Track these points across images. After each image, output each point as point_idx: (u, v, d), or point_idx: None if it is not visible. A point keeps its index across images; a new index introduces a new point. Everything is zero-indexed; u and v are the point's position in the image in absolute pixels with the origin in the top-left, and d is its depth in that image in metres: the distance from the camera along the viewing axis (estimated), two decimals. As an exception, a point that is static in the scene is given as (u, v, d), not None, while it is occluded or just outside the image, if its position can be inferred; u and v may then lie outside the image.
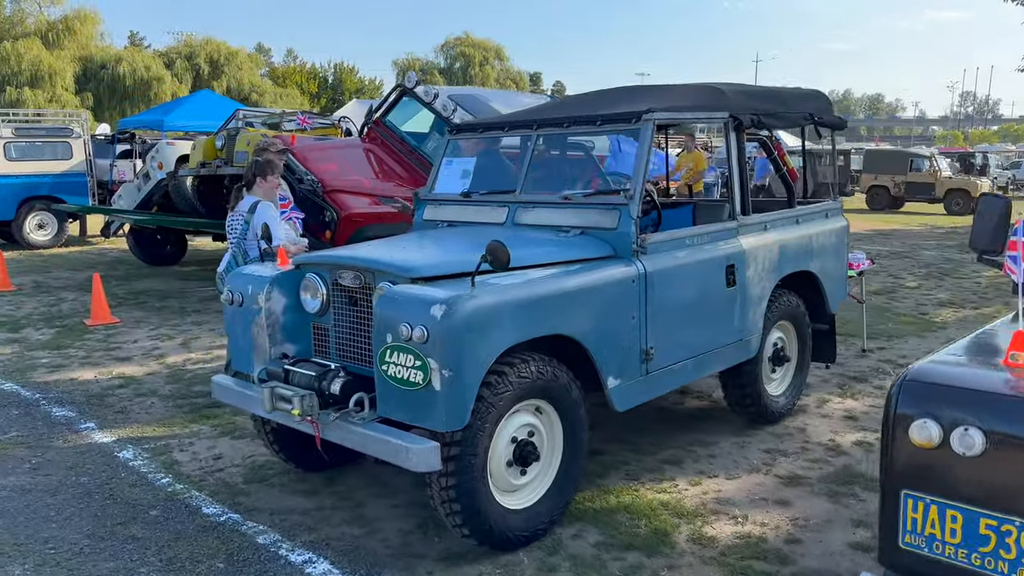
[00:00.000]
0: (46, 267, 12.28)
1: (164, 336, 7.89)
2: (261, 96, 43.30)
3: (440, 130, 9.57)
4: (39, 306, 9.35)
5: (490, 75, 64.79)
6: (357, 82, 58.79)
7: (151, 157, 11.70)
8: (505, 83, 66.54)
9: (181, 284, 10.85)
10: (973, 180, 25.86)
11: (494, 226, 4.55)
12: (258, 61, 52.50)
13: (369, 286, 3.75)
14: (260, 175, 5.69)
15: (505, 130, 4.86)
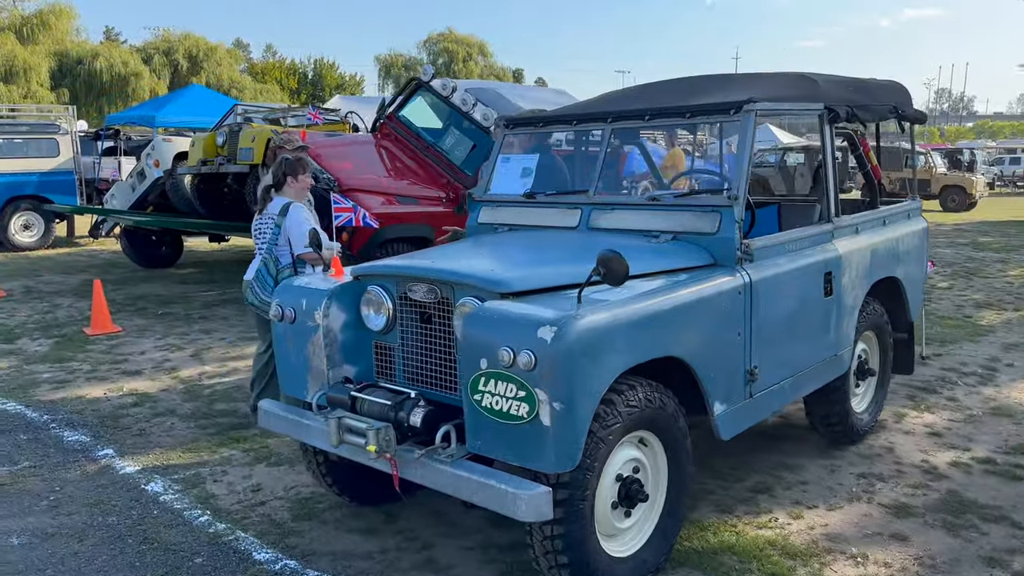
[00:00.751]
0: (35, 270, 11.67)
1: (172, 346, 7.36)
2: (241, 92, 42.72)
3: (458, 125, 9.12)
4: (33, 314, 8.78)
5: (473, 71, 64.31)
6: (337, 78, 58.23)
7: (146, 155, 11.12)
8: (489, 79, 66.10)
9: (182, 288, 10.30)
10: (968, 177, 25.75)
11: (566, 231, 4.10)
12: (237, 57, 51.84)
13: (447, 301, 3.29)
14: (291, 174, 5.21)
15: (574, 124, 4.39)
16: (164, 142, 11.02)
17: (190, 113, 14.91)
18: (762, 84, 4.22)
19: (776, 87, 4.17)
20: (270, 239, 5.08)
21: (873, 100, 4.70)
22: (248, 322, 8.24)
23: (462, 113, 8.98)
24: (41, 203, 13.82)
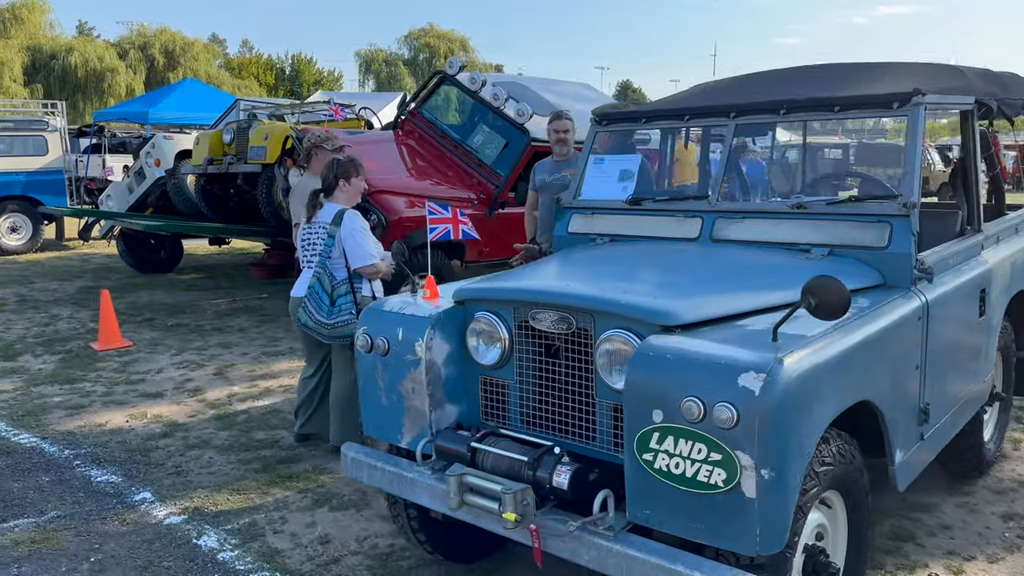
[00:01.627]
0: (26, 277, 10.97)
1: (191, 363, 6.75)
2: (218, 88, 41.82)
3: (488, 121, 8.55)
4: (31, 326, 8.12)
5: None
6: (316, 73, 57.43)
7: (146, 153, 10.46)
8: (472, 75, 65.46)
9: (188, 296, 9.66)
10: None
11: (683, 243, 3.56)
12: (215, 52, 51.04)
13: (584, 333, 2.74)
14: (343, 177, 4.64)
15: (686, 119, 3.85)
16: (165, 140, 10.36)
17: (185, 108, 14.22)
18: (908, 73, 3.70)
19: (923, 77, 3.65)
20: (323, 251, 4.50)
21: (1009, 93, 4.20)
22: (268, 335, 7.65)
23: (493, 109, 8.42)
24: (29, 204, 13.09)
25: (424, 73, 62.62)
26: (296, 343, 7.27)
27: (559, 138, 5.90)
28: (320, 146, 5.36)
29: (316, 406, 4.88)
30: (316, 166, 5.36)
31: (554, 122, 5.94)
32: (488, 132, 8.52)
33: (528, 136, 8.14)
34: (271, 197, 8.99)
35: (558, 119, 5.96)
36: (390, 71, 62.19)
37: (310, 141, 5.41)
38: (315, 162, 5.38)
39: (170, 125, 14.40)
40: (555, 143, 5.94)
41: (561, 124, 5.92)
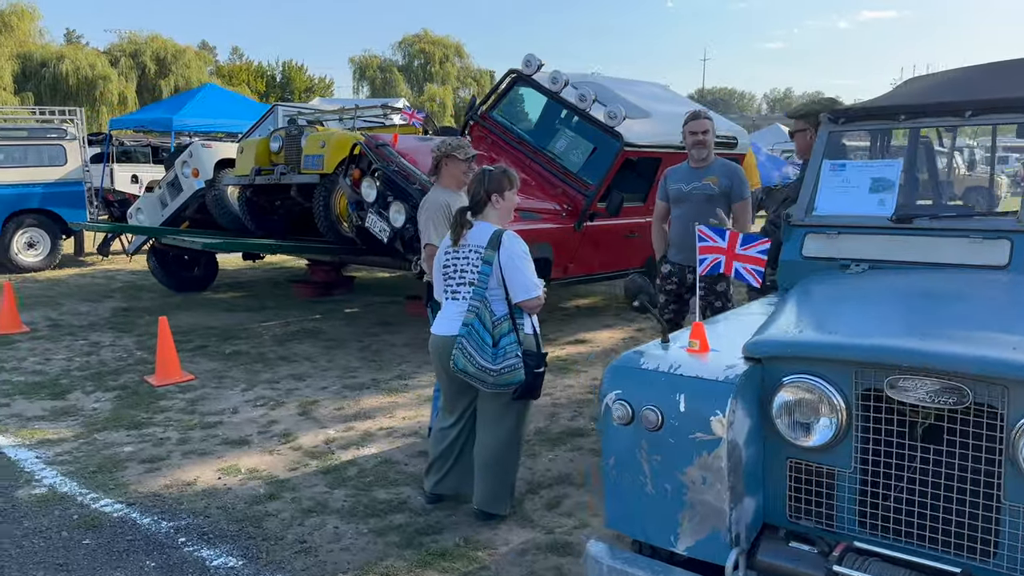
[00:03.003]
0: (52, 298, 10.13)
1: (268, 401, 5.96)
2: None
3: (571, 125, 7.78)
4: (72, 356, 7.30)
5: (451, 73, 63.13)
6: (307, 80, 56.84)
7: (182, 163, 9.65)
8: (466, 81, 64.89)
9: (235, 318, 8.85)
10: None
11: (987, 271, 2.81)
12: (207, 59, 50.50)
13: (985, 409, 1.98)
14: (496, 191, 3.88)
15: (968, 115, 3.09)
16: (204, 148, 9.56)
17: (209, 115, 13.40)
18: None
19: None
20: (480, 280, 3.73)
21: None
22: (341, 363, 6.87)
23: (578, 111, 7.67)
24: (47, 218, 12.25)
25: (419, 79, 61.99)
26: (379, 374, 6.50)
27: (698, 140, 5.17)
28: (451, 155, 4.62)
29: (455, 461, 4.11)
30: (447, 178, 4.64)
31: (691, 123, 5.19)
32: (572, 137, 7.77)
33: (621, 141, 7.40)
34: (328, 210, 8.21)
35: (695, 119, 5.22)
36: (385, 77, 61.59)
37: (440, 150, 4.66)
38: (445, 173, 4.66)
39: (193, 132, 13.59)
40: (692, 146, 5.20)
41: (699, 124, 5.19)
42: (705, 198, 5.17)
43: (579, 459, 4.79)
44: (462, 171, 4.67)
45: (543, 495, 4.30)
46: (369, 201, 7.09)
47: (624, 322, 8.64)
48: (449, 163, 4.65)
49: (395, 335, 8.04)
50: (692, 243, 5.25)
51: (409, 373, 6.67)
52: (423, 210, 4.63)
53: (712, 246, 2.96)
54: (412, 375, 6.62)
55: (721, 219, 5.18)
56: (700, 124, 5.15)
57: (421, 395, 6.07)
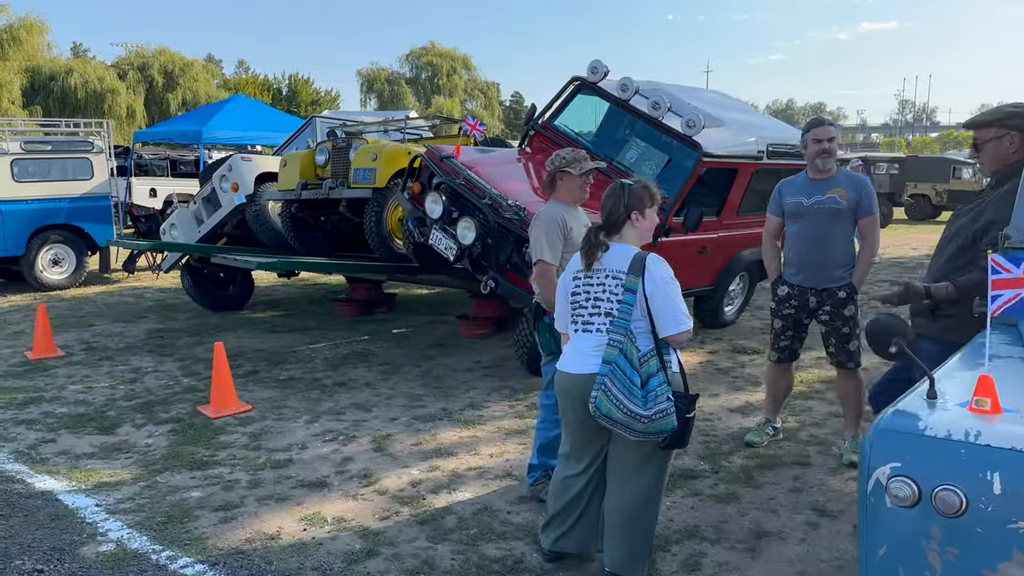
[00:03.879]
0: (82, 318, 9.67)
1: (337, 435, 5.48)
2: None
3: (643, 135, 7.33)
4: (115, 383, 6.83)
5: (458, 85, 63.10)
6: (313, 93, 56.90)
7: (221, 177, 9.20)
8: (473, 93, 64.76)
9: (280, 340, 8.37)
10: None
11: None
12: (214, 72, 50.55)
13: None
14: (636, 208, 3.42)
15: None
16: (243, 161, 9.11)
17: (238, 127, 12.96)
18: None
19: None
20: (619, 311, 3.25)
21: None
22: (404, 391, 6.40)
23: (651, 120, 7.20)
24: (72, 234, 11.81)
25: (427, 92, 61.85)
26: (448, 403, 6.03)
27: (823, 149, 4.71)
28: (566, 169, 4.17)
29: (580, 516, 3.63)
30: (563, 193, 4.20)
31: (815, 129, 4.73)
32: (644, 147, 7.30)
33: (700, 151, 6.93)
34: (380, 226, 7.76)
35: (820, 125, 4.76)
36: (393, 90, 61.48)
37: (554, 164, 4.20)
38: (561, 188, 4.22)
39: (224, 145, 13.17)
40: (817, 156, 4.74)
41: (825, 132, 4.73)
42: (830, 213, 4.71)
43: (701, 507, 4.29)
44: (578, 186, 4.22)
45: (675, 552, 3.81)
46: (434, 217, 6.64)
47: (693, 343, 8.15)
48: (564, 178, 4.20)
49: (452, 358, 7.56)
50: (816, 262, 4.81)
51: (480, 402, 6.18)
52: (537, 224, 4.17)
53: (1009, 278, 2.45)
54: (483, 404, 6.13)
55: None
56: (825, 131, 4.70)
57: (501, 428, 5.59)
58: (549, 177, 4.24)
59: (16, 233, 11.28)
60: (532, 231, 4.21)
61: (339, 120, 10.65)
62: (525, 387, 6.55)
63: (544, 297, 4.10)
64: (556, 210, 4.18)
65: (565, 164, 4.17)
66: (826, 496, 4.40)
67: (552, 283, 4.09)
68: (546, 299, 4.10)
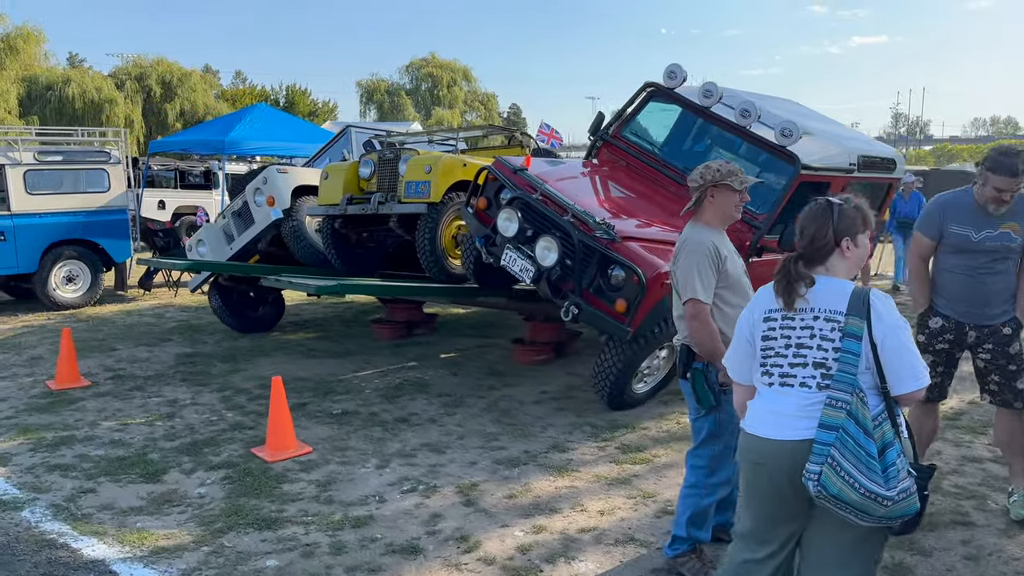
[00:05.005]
0: (103, 341, 9.01)
1: (414, 482, 4.84)
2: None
3: (728, 146, 6.72)
4: (151, 418, 6.18)
5: (459, 96, 62.81)
6: (310, 104, 56.62)
7: (255, 190, 8.57)
8: (474, 104, 64.40)
9: (322, 367, 7.73)
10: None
11: None
12: (212, 82, 50.19)
13: None
14: (849, 234, 2.79)
15: None
16: (279, 174, 8.49)
17: (261, 137, 12.34)
18: None
19: None
20: (842, 362, 2.62)
21: None
22: (474, 428, 5.78)
23: (739, 130, 6.60)
24: (87, 249, 11.16)
25: (427, 103, 61.41)
26: (528, 443, 5.43)
27: (1000, 200, 4.05)
28: (723, 184, 3.54)
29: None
30: (712, 213, 3.61)
31: (1000, 177, 4.01)
32: (731, 158, 6.68)
33: (798, 163, 6.33)
34: (435, 244, 7.14)
35: (1009, 175, 4.01)
36: (393, 101, 61.10)
37: (704, 177, 3.58)
38: (710, 208, 3.61)
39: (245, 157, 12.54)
40: (990, 201, 4.09)
41: (1011, 183, 4.03)
42: (1002, 251, 4.08)
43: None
44: (734, 204, 3.60)
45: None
46: (507, 236, 6.02)
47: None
48: (718, 194, 3.58)
49: (515, 388, 6.93)
50: (978, 299, 4.15)
51: (563, 443, 5.55)
52: (685, 254, 3.54)
53: None
54: (568, 445, 5.50)
55: None
56: (1012, 183, 3.99)
57: (599, 477, 4.95)
58: (698, 193, 3.61)
59: (29, 249, 10.63)
60: (678, 262, 3.58)
61: (373, 131, 10.02)
62: (608, 424, 5.92)
63: (698, 341, 3.49)
64: (704, 235, 3.57)
65: (722, 177, 3.55)
66: (1011, 567, 3.77)
67: (708, 326, 3.47)
68: (701, 344, 3.48)
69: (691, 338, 3.52)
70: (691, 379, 3.54)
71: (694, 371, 3.53)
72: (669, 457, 5.27)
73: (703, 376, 3.50)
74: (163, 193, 19.72)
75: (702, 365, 3.54)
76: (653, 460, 5.21)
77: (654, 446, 5.48)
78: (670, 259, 5.68)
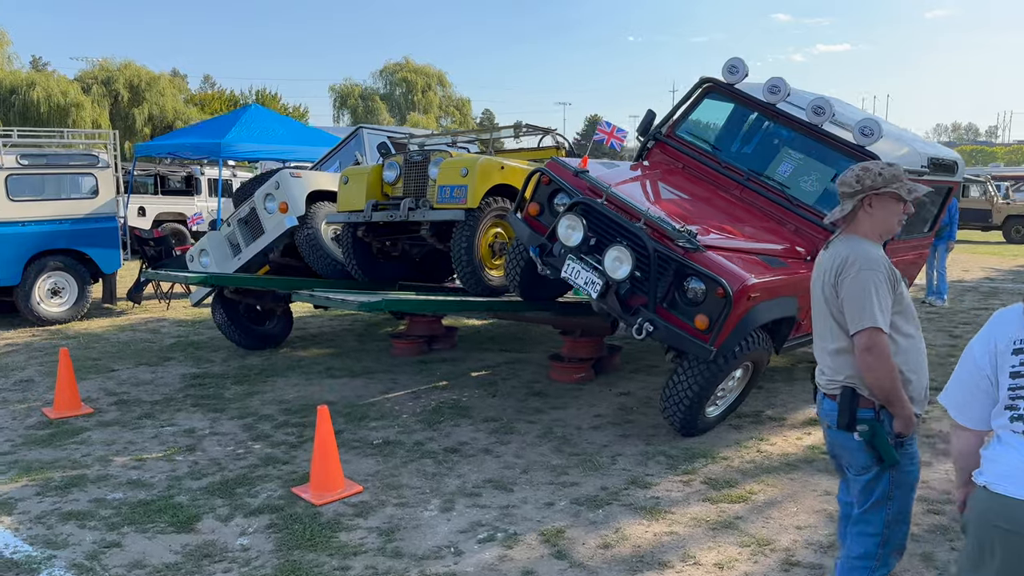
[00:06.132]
0: (98, 361, 8.28)
1: (489, 529, 4.24)
2: (186, 123, 40.11)
3: (799, 146, 6.20)
4: (168, 450, 5.50)
5: (433, 101, 62.17)
6: (281, 109, 55.80)
7: (265, 196, 7.91)
8: (448, 109, 63.79)
9: (347, 388, 7.09)
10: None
11: None
12: (181, 87, 49.25)
13: None
14: None
15: None
16: (293, 178, 7.83)
17: (258, 139, 11.62)
18: None
19: None
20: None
21: None
22: (532, 458, 5.16)
23: (811, 129, 6.07)
24: (74, 260, 10.40)
25: (401, 108, 60.66)
26: (602, 477, 4.88)
27: None
28: (887, 190, 2.95)
29: None
30: (869, 225, 3.01)
31: None
32: (802, 160, 6.18)
33: (880, 165, 5.77)
34: (472, 254, 6.54)
35: None
36: (367, 105, 60.36)
37: (863, 181, 2.97)
38: (866, 219, 3.02)
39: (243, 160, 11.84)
40: None
41: None
42: None
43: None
44: (897, 217, 3.02)
45: None
46: (570, 245, 5.43)
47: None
48: (878, 204, 2.98)
49: (563, 411, 6.35)
50: None
51: (642, 478, 4.97)
52: (854, 272, 2.92)
53: None
54: (648, 481, 4.92)
55: None
56: None
57: (698, 519, 4.37)
58: (855, 200, 3.01)
59: (11, 259, 9.85)
60: (844, 282, 2.96)
61: (387, 132, 9.39)
62: (683, 454, 5.36)
63: (874, 381, 2.87)
64: (874, 250, 2.98)
65: (883, 183, 2.96)
66: None
67: (888, 361, 2.86)
68: (878, 384, 2.86)
69: (863, 377, 2.92)
70: (868, 432, 2.92)
71: (871, 423, 2.91)
72: (766, 494, 4.71)
73: (881, 427, 2.91)
74: (143, 199, 18.88)
75: (872, 412, 2.94)
76: (750, 498, 4.64)
77: (744, 480, 4.92)
78: (755, 270, 5.18)
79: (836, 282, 2.93)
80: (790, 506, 4.53)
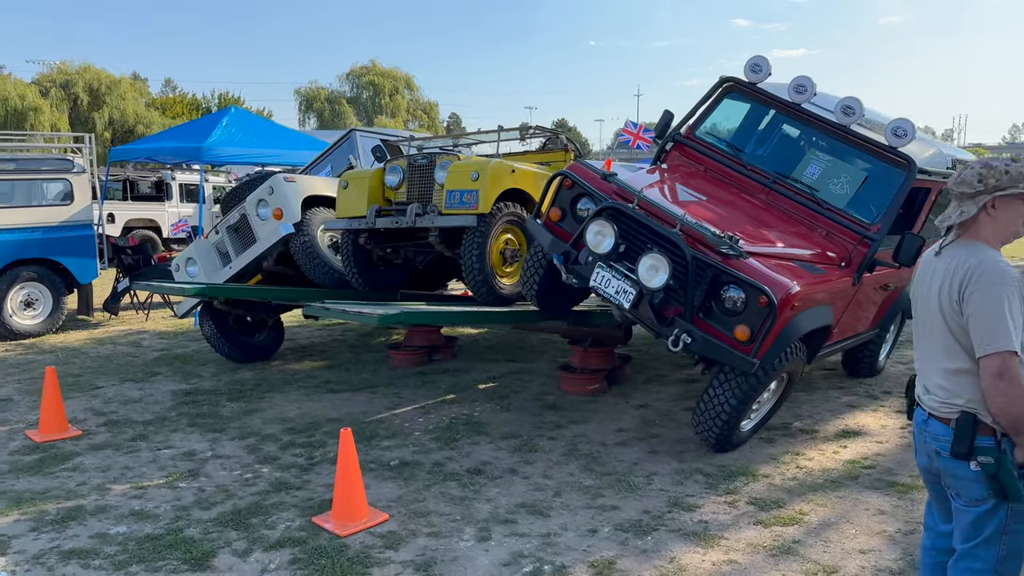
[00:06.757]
0: (79, 376, 7.82)
1: (534, 561, 3.94)
2: (148, 128, 39.43)
3: (828, 149, 5.97)
4: (170, 477, 5.11)
5: (401, 105, 61.67)
6: None
7: (258, 202, 7.52)
8: (416, 113, 63.31)
9: (350, 404, 6.73)
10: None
11: None
12: (143, 90, 48.40)
13: None
14: None
15: None
16: (287, 183, 7.45)
17: (242, 143, 11.18)
18: None
19: None
20: None
21: None
22: (566, 480, 4.88)
23: (839, 130, 5.86)
24: (48, 270, 9.90)
25: (368, 112, 60.06)
26: (639, 499, 4.62)
27: None
28: (1017, 190, 2.68)
29: None
30: (994, 230, 2.75)
31: None
32: (830, 161, 5.95)
33: (914, 167, 5.60)
34: (483, 261, 6.24)
35: None
36: (334, 109, 59.77)
37: (985, 181, 2.69)
38: (993, 222, 2.74)
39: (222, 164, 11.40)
40: None
41: None
42: None
43: None
44: (1022, 218, 2.76)
45: None
46: (600, 252, 5.14)
47: (868, 399, 6.80)
48: (1002, 206, 2.71)
49: (584, 425, 6.06)
50: None
51: (683, 499, 4.69)
52: (988, 286, 2.61)
53: None
54: (690, 502, 4.64)
55: None
56: None
57: (752, 545, 4.10)
58: (974, 204, 2.74)
59: (-19, 270, 9.32)
60: (973, 297, 2.65)
61: (380, 135, 9.04)
62: (720, 471, 5.09)
63: (1008, 410, 2.58)
64: (1002, 261, 2.69)
65: (1010, 183, 2.70)
66: None
67: (1022, 387, 2.58)
68: (1009, 413, 2.58)
69: (989, 403, 2.63)
70: (992, 465, 2.64)
71: (995, 454, 2.63)
72: (818, 515, 4.45)
73: (1007, 458, 2.63)
74: (112, 205, 18.26)
75: (992, 441, 2.66)
76: (802, 520, 4.38)
77: (791, 499, 4.66)
78: (796, 277, 4.92)
79: (961, 296, 2.65)
80: (847, 528, 4.27)
